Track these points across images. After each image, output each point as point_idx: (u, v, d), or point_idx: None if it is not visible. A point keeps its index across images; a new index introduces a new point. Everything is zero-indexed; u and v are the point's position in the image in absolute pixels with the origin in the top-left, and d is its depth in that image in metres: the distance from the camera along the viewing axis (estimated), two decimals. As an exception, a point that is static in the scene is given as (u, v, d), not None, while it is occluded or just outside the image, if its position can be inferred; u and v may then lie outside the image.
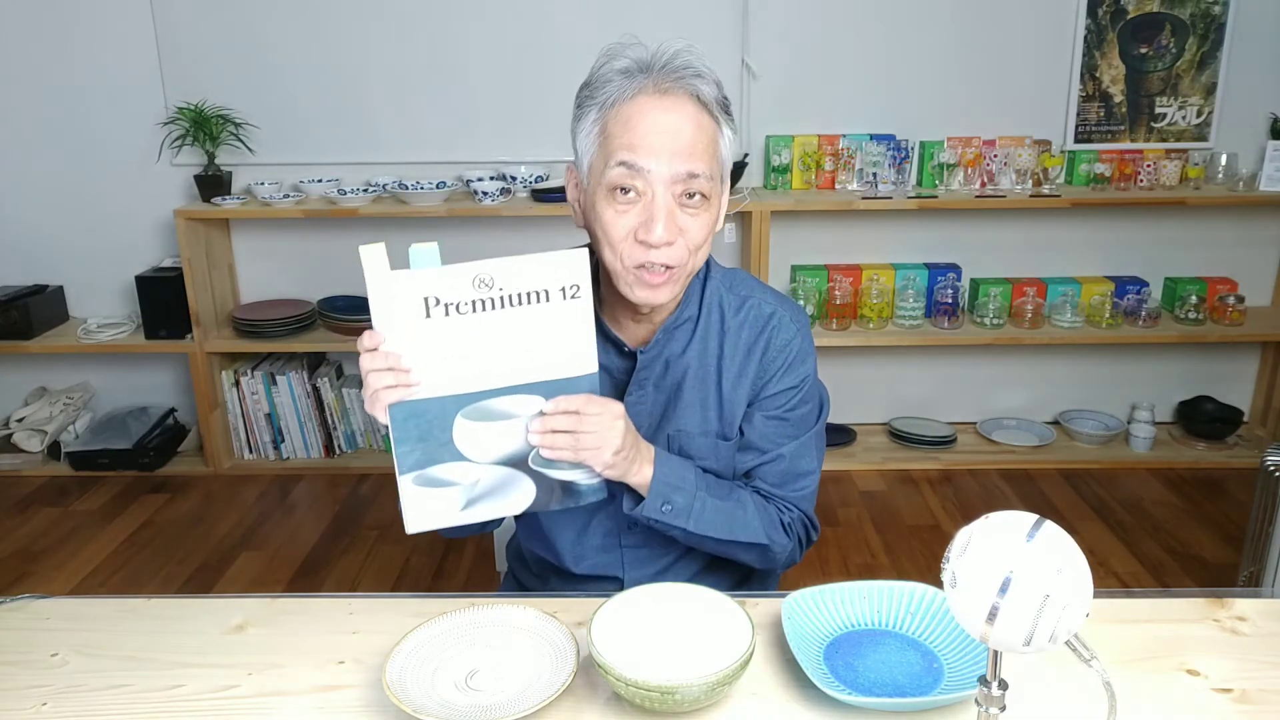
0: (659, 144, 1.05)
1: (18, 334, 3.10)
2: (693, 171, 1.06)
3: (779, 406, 1.23)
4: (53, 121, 3.15)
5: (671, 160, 1.05)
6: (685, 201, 1.08)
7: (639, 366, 1.20)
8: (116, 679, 1.05)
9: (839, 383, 3.34)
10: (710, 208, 1.10)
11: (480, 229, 3.22)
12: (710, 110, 1.09)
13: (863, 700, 0.97)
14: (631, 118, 1.06)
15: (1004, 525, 0.77)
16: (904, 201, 2.99)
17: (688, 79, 1.07)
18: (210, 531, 2.85)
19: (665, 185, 1.06)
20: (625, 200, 1.07)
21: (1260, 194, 2.98)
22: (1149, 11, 3.05)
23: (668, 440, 1.22)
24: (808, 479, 1.27)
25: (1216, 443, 3.23)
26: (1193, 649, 1.07)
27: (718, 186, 1.11)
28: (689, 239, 1.09)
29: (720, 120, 1.10)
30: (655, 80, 1.07)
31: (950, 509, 2.92)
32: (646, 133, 1.05)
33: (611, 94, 1.07)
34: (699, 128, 1.07)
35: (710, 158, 1.08)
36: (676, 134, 1.05)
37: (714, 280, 1.24)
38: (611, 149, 1.06)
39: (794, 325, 1.24)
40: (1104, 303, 3.09)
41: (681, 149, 1.05)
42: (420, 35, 3.06)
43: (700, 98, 1.08)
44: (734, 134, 1.13)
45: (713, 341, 1.22)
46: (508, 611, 1.09)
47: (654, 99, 1.06)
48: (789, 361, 1.23)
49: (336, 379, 3.31)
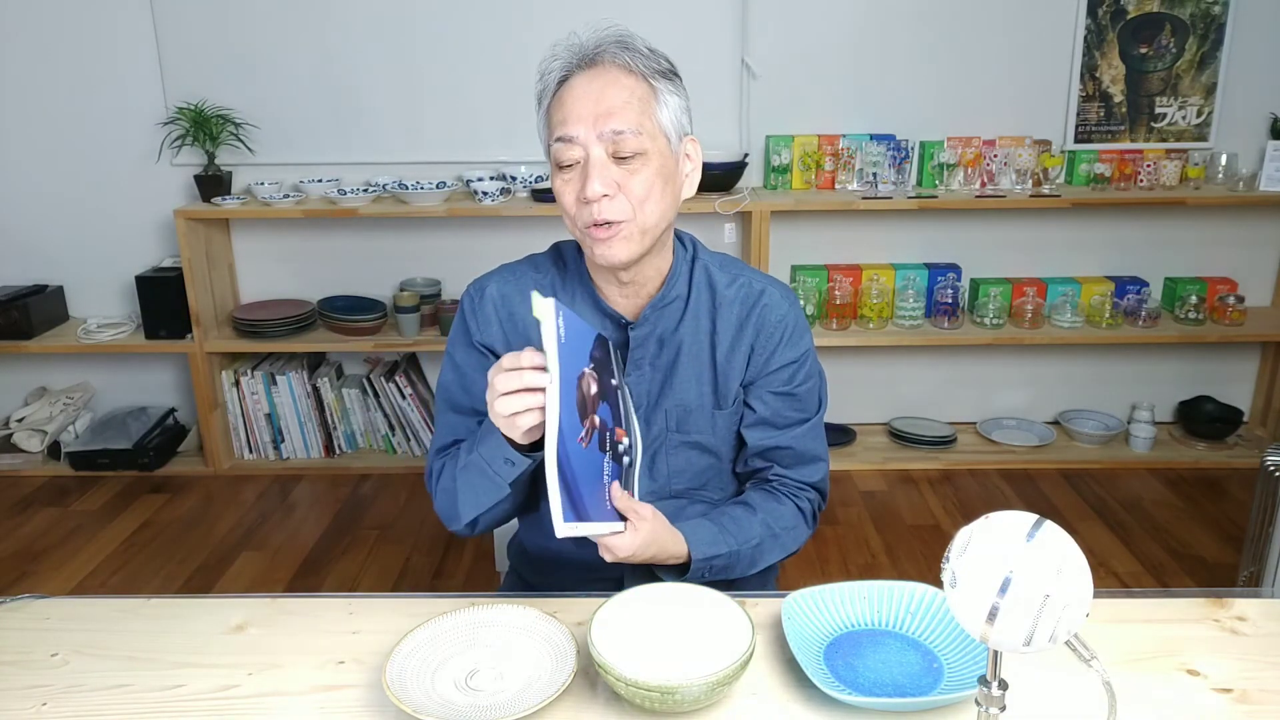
0: (584, 109, 1.11)
1: (18, 334, 3.10)
2: (616, 129, 1.10)
3: (784, 382, 1.27)
4: (53, 121, 3.15)
5: (595, 122, 1.10)
6: (620, 160, 1.12)
7: (633, 345, 1.24)
8: (116, 679, 1.05)
9: (839, 383, 3.35)
10: (648, 163, 1.13)
11: (480, 229, 3.22)
12: (638, 73, 1.13)
13: (863, 700, 0.97)
14: (564, 96, 1.13)
15: (1004, 525, 0.77)
16: (904, 201, 2.99)
17: (609, 48, 1.13)
18: (210, 531, 2.85)
19: (595, 145, 1.11)
20: (570, 172, 1.14)
21: (1260, 194, 2.98)
22: (1149, 11, 3.05)
23: (665, 415, 1.26)
24: (821, 464, 1.33)
25: (1216, 443, 3.23)
26: (1193, 649, 1.07)
27: (659, 143, 1.14)
28: (630, 193, 1.12)
29: (655, 84, 1.14)
30: (583, 59, 1.14)
31: (950, 509, 2.92)
32: (573, 103, 1.11)
33: (549, 84, 1.15)
34: (622, 88, 1.12)
35: (639, 114, 1.12)
36: (599, 98, 1.11)
37: (702, 261, 1.28)
38: (551, 129, 1.14)
39: (785, 301, 1.28)
40: (1104, 303, 3.09)
41: (604, 110, 1.10)
42: (420, 35, 3.06)
43: (620, 62, 1.13)
44: (680, 98, 1.17)
45: (704, 318, 1.26)
46: (508, 611, 1.09)
47: (581, 74, 1.13)
48: (786, 335, 1.26)
49: (336, 379, 3.31)
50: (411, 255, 3.28)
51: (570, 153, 1.12)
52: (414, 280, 3.28)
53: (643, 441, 1.25)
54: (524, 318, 1.25)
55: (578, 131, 1.10)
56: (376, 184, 3.08)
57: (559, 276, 1.27)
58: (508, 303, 1.26)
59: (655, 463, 1.28)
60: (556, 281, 1.27)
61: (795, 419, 1.29)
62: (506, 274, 1.29)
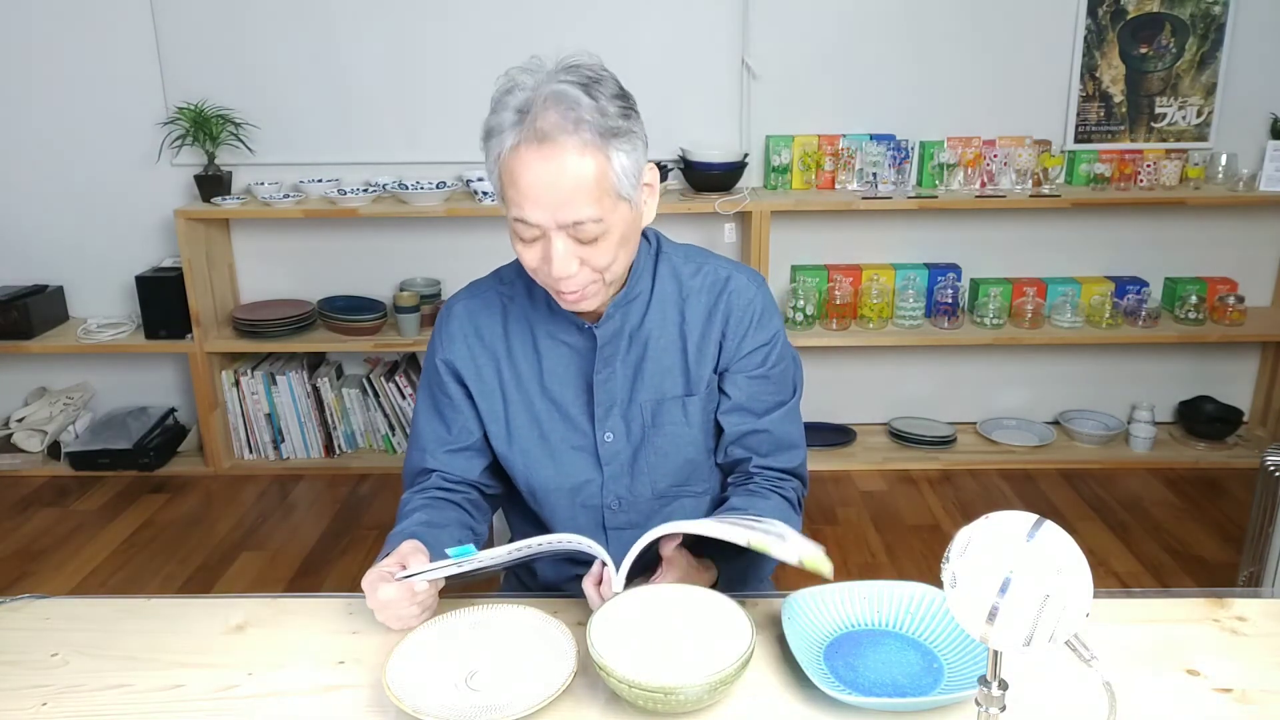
0: (542, 197, 1.07)
1: (18, 334, 3.10)
2: (576, 219, 1.08)
3: (758, 365, 1.28)
4: (53, 122, 3.15)
5: (555, 211, 1.08)
6: (581, 238, 1.11)
7: (600, 342, 1.24)
8: (116, 679, 1.05)
9: (839, 383, 3.36)
10: (609, 235, 1.11)
11: (480, 229, 3.22)
12: (591, 147, 1.06)
13: (863, 700, 0.97)
14: (516, 171, 1.07)
15: (1004, 525, 0.77)
16: (904, 201, 2.99)
17: (562, 124, 1.05)
18: (210, 531, 2.85)
19: (555, 231, 1.09)
20: (529, 238, 1.13)
21: (1260, 194, 2.98)
22: (1149, 11, 3.05)
23: (641, 410, 1.26)
24: (798, 450, 1.33)
25: (1216, 443, 3.23)
26: (1193, 649, 1.07)
27: (616, 211, 1.11)
28: (593, 263, 1.13)
29: (609, 150, 1.08)
30: (533, 128, 1.05)
31: (950, 509, 2.92)
32: (529, 187, 1.07)
33: (500, 146, 1.09)
34: (578, 174, 1.06)
35: (596, 196, 1.08)
36: (555, 186, 1.06)
37: (666, 254, 1.28)
38: (507, 200, 1.11)
39: (752, 285, 1.28)
40: (1104, 303, 3.09)
41: (563, 199, 1.07)
42: (420, 35, 3.06)
43: (574, 143, 1.06)
44: (634, 146, 1.10)
45: (672, 309, 1.26)
46: (508, 611, 1.09)
47: (533, 150, 1.06)
48: (755, 318, 1.27)
49: (336, 379, 3.31)
50: (411, 255, 3.28)
51: (530, 231, 1.11)
52: (414, 280, 3.28)
53: (623, 440, 1.27)
54: (489, 331, 1.28)
55: (536, 217, 1.09)
56: (376, 184, 3.08)
57: (524, 286, 1.27)
58: (474, 318, 1.29)
59: (637, 461, 1.28)
60: (522, 291, 1.28)
61: (772, 403, 1.29)
62: (475, 289, 1.32)
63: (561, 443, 1.28)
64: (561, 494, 1.29)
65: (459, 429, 1.30)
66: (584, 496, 1.29)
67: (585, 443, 1.27)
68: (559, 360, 1.26)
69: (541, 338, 1.27)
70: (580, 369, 1.26)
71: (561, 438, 1.27)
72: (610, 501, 1.29)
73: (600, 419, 1.26)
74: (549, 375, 1.27)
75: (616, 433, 1.27)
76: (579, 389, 1.27)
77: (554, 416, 1.27)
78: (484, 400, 1.28)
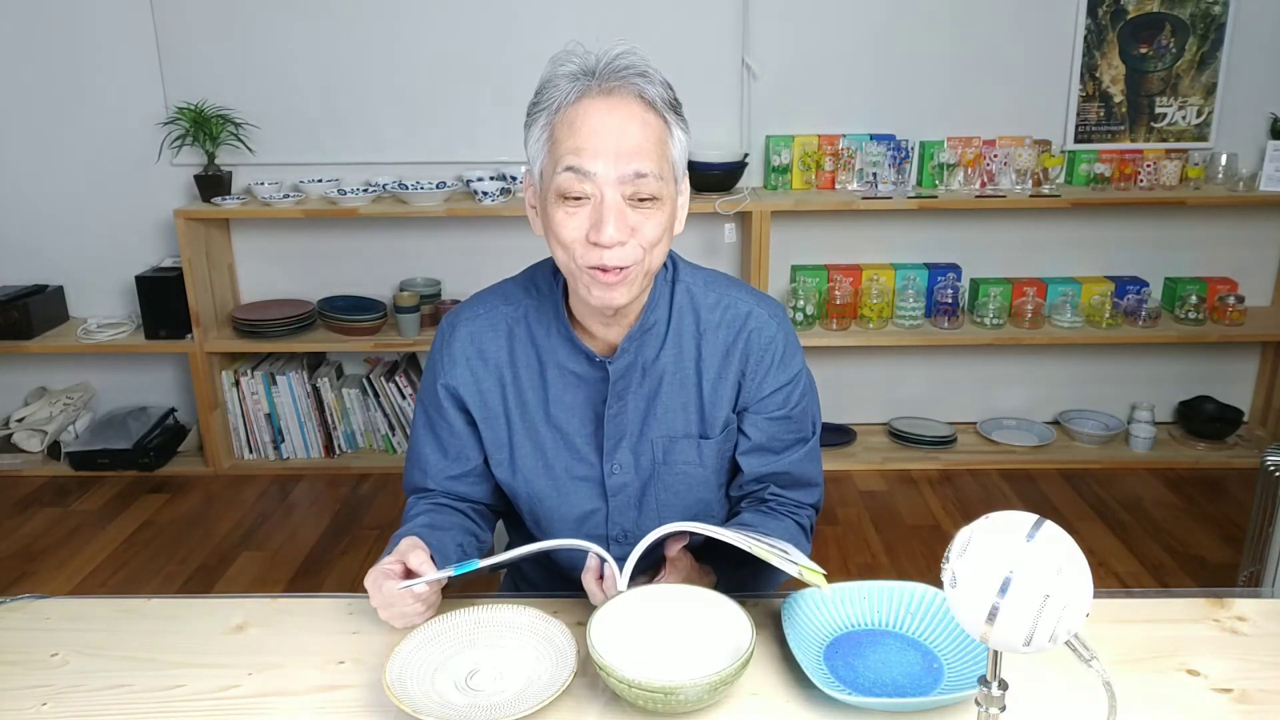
0: (604, 145, 1.03)
1: (18, 334, 3.10)
2: (640, 171, 1.03)
3: (779, 406, 1.23)
4: (53, 122, 3.15)
5: (617, 161, 1.03)
6: (636, 203, 1.06)
7: (613, 378, 1.19)
8: (116, 679, 1.05)
9: (839, 383, 3.36)
10: (662, 207, 1.08)
11: (480, 229, 3.22)
12: (657, 109, 1.06)
13: (863, 700, 0.97)
14: (576, 120, 1.04)
15: (1004, 525, 0.77)
16: (904, 201, 2.99)
17: (631, 78, 1.05)
18: (210, 531, 2.85)
19: (613, 186, 1.04)
20: (576, 206, 1.06)
21: (1260, 194, 2.98)
22: (1149, 11, 3.05)
23: (652, 446, 1.22)
24: (818, 489, 1.31)
25: (1216, 443, 3.23)
26: (1193, 649, 1.07)
27: (670, 187, 1.09)
28: (642, 237, 1.06)
29: (669, 120, 1.08)
30: (599, 81, 1.05)
31: (950, 509, 2.92)
32: (591, 134, 1.03)
33: (557, 98, 1.06)
34: (645, 126, 1.05)
35: (658, 157, 1.06)
36: (622, 134, 1.03)
37: (683, 282, 1.22)
38: (559, 154, 1.05)
39: (774, 322, 1.22)
40: (1104, 303, 3.09)
41: (627, 149, 1.03)
42: (420, 35, 3.06)
43: (645, 97, 1.06)
44: (686, 134, 1.11)
45: (688, 344, 1.21)
46: (508, 611, 1.09)
47: (598, 100, 1.04)
48: (777, 358, 1.21)
49: (336, 379, 3.31)
50: (411, 255, 3.28)
51: (581, 186, 1.04)
52: (414, 280, 3.28)
53: (631, 473, 1.24)
54: (493, 355, 1.22)
55: (596, 167, 1.03)
56: (376, 184, 3.08)
57: (532, 307, 1.22)
58: (476, 341, 1.22)
59: (645, 496, 1.24)
60: (530, 313, 1.21)
61: (792, 441, 1.26)
62: (479, 307, 1.25)
63: (566, 473, 1.23)
64: (566, 523, 1.25)
65: (457, 454, 1.26)
66: (589, 526, 1.26)
67: (591, 473, 1.23)
68: (566, 389, 1.21)
69: (549, 366, 1.21)
70: (589, 399, 1.21)
71: (566, 467, 1.23)
72: (616, 534, 1.26)
73: (609, 451, 1.22)
74: (555, 404, 1.21)
75: (625, 465, 1.22)
76: (585, 419, 1.21)
77: (559, 445, 1.22)
78: (487, 427, 1.24)
